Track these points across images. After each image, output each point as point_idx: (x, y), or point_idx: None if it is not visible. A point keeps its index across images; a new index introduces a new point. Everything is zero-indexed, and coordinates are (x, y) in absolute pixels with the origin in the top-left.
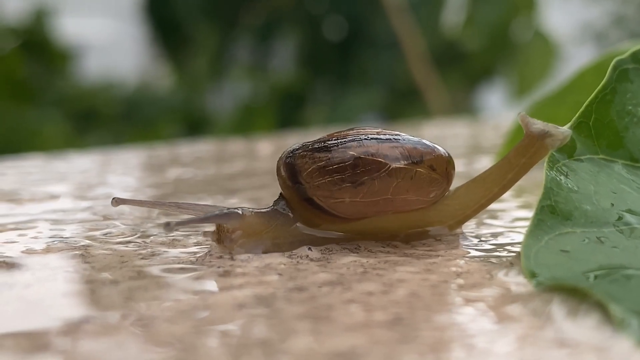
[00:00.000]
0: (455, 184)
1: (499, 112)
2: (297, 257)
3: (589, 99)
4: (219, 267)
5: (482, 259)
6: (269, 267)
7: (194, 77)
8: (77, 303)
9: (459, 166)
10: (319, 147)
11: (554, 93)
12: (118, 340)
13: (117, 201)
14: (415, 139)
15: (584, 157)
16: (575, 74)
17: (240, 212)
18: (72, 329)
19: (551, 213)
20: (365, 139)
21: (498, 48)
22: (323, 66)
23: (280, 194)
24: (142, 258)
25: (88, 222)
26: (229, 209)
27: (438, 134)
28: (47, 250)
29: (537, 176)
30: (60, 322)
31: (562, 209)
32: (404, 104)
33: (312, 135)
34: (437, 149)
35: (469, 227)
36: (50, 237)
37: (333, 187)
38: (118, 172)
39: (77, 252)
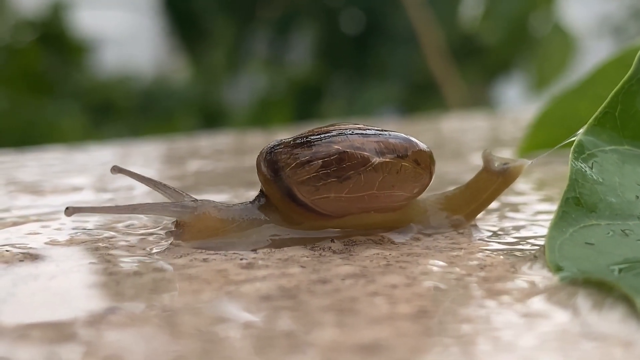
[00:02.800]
0: (473, 176)
1: (517, 105)
2: (320, 249)
3: (615, 90)
4: (241, 259)
5: (505, 252)
6: (291, 259)
7: (211, 70)
8: (101, 294)
9: (480, 159)
10: (301, 142)
11: (575, 87)
12: (143, 331)
13: (70, 211)
14: (399, 133)
15: (609, 148)
16: (596, 67)
17: (194, 204)
18: (97, 320)
19: (576, 205)
20: (350, 133)
21: (516, 41)
22: (340, 59)
23: (261, 190)
24: (164, 250)
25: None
26: (194, 200)
27: (457, 127)
28: (71, 241)
29: (557, 169)
30: (85, 313)
31: (586, 201)
32: (422, 97)
33: None
34: (420, 143)
35: (491, 220)
36: (73, 229)
37: (318, 182)
38: (138, 164)
39: (100, 244)
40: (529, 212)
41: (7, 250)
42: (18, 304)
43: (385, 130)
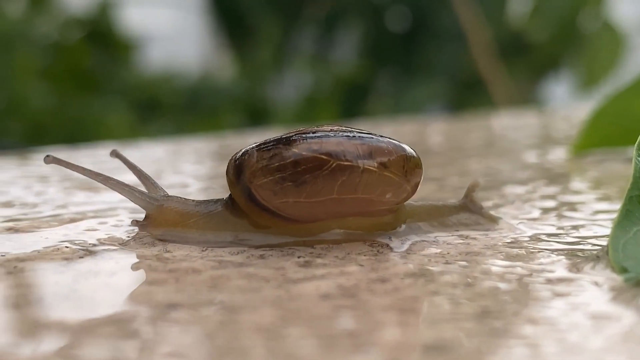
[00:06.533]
0: (526, 174)
1: (566, 103)
2: (378, 246)
3: None
4: (299, 257)
5: (566, 251)
6: (349, 257)
7: (256, 67)
8: (161, 291)
9: (533, 157)
10: (265, 146)
11: (630, 84)
12: (204, 328)
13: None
14: (373, 136)
15: None
16: None
17: (157, 197)
18: (159, 316)
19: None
20: (312, 136)
21: (565, 39)
22: (387, 57)
23: (230, 194)
24: (221, 247)
25: None
26: (165, 194)
27: (508, 125)
28: (129, 238)
29: (613, 167)
30: (147, 310)
31: None
32: (469, 95)
33: (378, 125)
34: (395, 146)
35: (550, 219)
36: (130, 226)
37: (275, 187)
38: (191, 161)
39: (157, 241)
40: (588, 211)
41: (66, 247)
42: (80, 300)
43: (356, 132)
